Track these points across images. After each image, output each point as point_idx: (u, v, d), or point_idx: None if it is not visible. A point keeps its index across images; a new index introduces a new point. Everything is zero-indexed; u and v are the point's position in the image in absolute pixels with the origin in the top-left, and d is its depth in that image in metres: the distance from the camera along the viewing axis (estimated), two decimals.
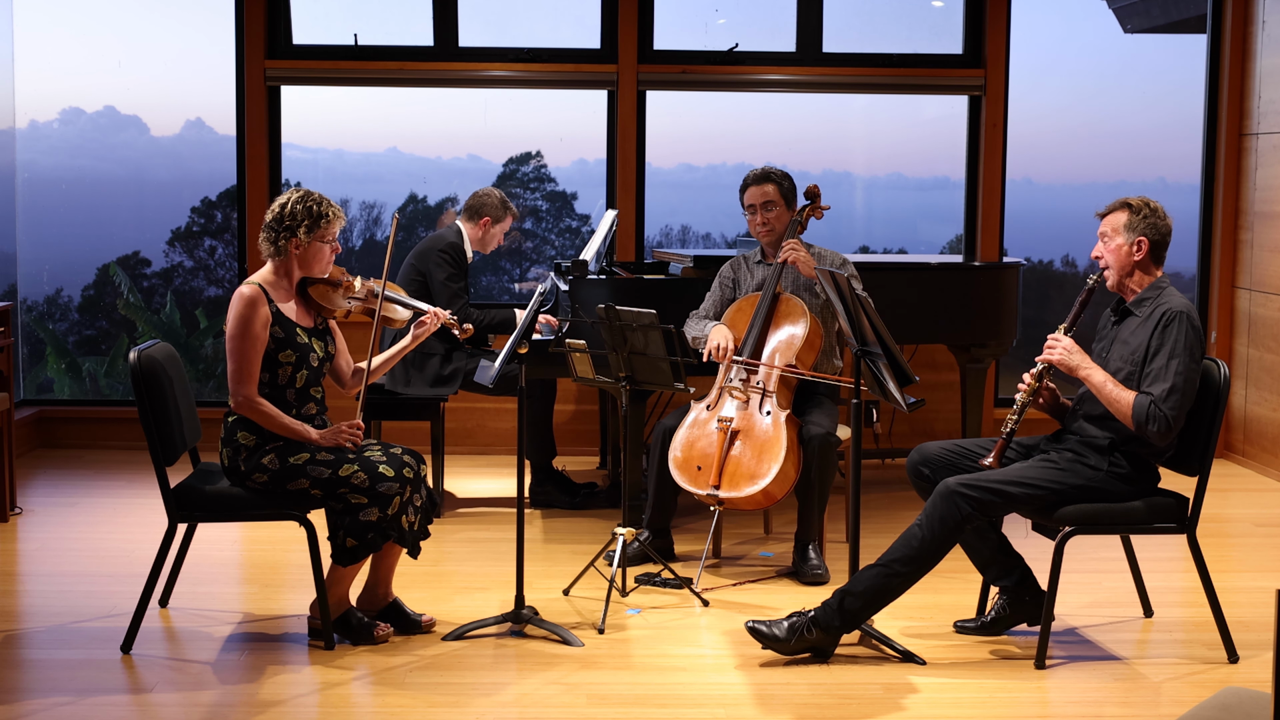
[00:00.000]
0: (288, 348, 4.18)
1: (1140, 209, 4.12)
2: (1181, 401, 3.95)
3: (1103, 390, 4.03)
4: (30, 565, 5.21)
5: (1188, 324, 3.99)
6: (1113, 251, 4.14)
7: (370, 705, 3.78)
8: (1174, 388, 3.95)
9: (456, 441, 7.10)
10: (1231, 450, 7.25)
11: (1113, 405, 4.02)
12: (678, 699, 3.84)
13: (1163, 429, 3.95)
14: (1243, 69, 7.21)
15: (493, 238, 5.95)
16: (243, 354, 4.11)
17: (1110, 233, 4.15)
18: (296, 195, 4.23)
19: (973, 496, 4.02)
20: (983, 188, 7.34)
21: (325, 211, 4.23)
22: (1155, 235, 4.12)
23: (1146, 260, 4.13)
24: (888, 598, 4.06)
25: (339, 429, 4.22)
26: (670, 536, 5.22)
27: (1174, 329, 3.99)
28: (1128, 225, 4.12)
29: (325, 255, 4.27)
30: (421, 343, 5.73)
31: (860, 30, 7.67)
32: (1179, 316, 4.00)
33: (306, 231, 4.19)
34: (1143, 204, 4.14)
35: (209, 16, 7.56)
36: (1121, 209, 4.15)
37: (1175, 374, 3.95)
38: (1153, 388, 3.97)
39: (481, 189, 5.97)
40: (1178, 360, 3.96)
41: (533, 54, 7.23)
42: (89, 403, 7.89)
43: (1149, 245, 4.11)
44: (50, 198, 8.18)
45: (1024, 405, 4.17)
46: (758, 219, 5.18)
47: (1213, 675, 4.05)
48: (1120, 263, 4.14)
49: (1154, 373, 3.99)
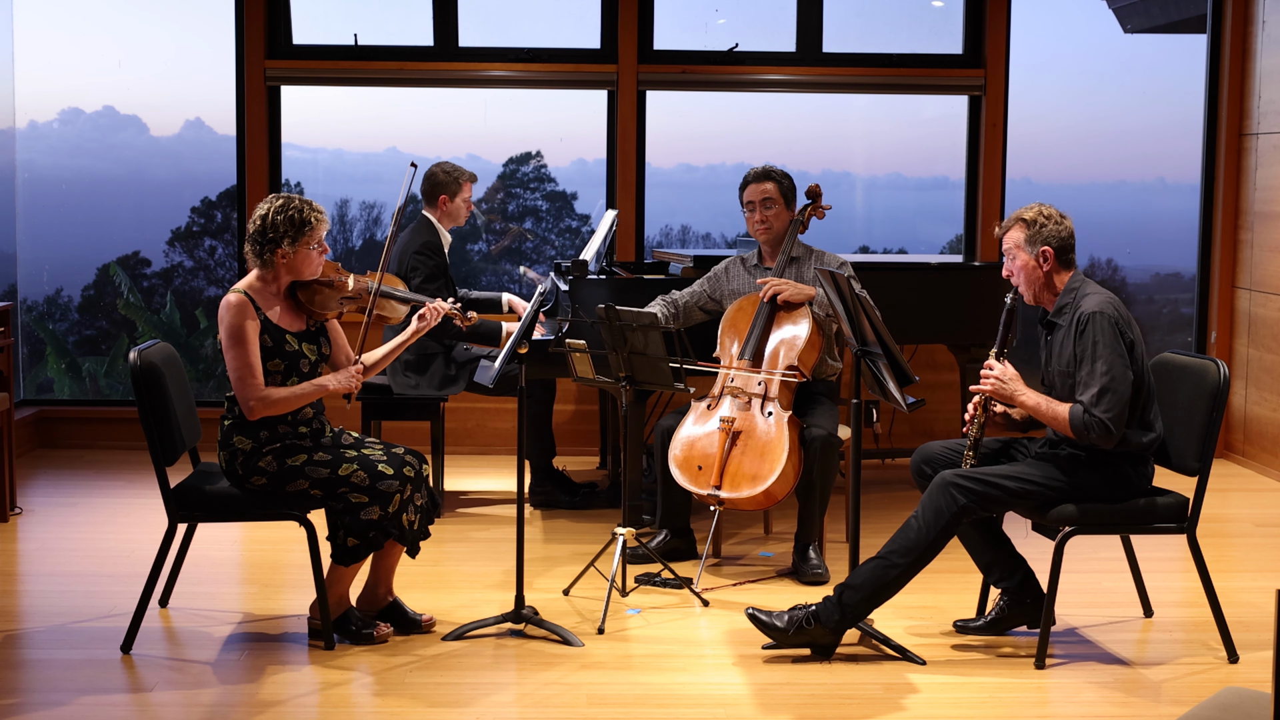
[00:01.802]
0: (275, 356, 4.14)
1: (1035, 221, 4.11)
2: (1114, 400, 3.93)
3: (1039, 412, 4.05)
4: (30, 565, 5.21)
5: (1102, 322, 3.97)
6: (1021, 268, 4.14)
7: (370, 705, 3.78)
8: (1102, 390, 3.94)
9: (456, 441, 7.10)
10: (1231, 450, 7.25)
11: (1053, 424, 4.04)
12: (678, 699, 3.84)
13: (1102, 434, 3.94)
14: (1243, 69, 7.21)
15: (459, 209, 5.85)
16: (242, 359, 4.06)
17: (1013, 249, 4.14)
18: (277, 205, 4.14)
19: (968, 488, 4.02)
20: (983, 188, 7.34)
21: (308, 218, 4.14)
22: (1057, 242, 4.11)
23: (1055, 267, 4.12)
24: (886, 591, 4.06)
25: (348, 372, 4.24)
26: (692, 535, 5.21)
27: (1089, 331, 3.98)
28: (1027, 240, 4.11)
29: (313, 260, 4.20)
30: (421, 342, 5.74)
31: (860, 30, 7.67)
32: (1092, 318, 3.98)
33: (290, 242, 4.13)
34: (1037, 214, 4.12)
35: (209, 16, 7.56)
36: (1016, 225, 4.14)
37: (1100, 375, 3.94)
38: (1083, 395, 3.97)
39: (427, 170, 5.85)
40: (1100, 361, 3.95)
41: (533, 54, 7.23)
42: (89, 403, 7.89)
43: (1053, 253, 4.11)
44: (50, 198, 8.18)
45: (977, 440, 4.16)
46: (756, 216, 5.18)
47: (1213, 675, 4.05)
48: (1030, 277, 4.14)
49: (1081, 380, 3.99)
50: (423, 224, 5.83)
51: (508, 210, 8.41)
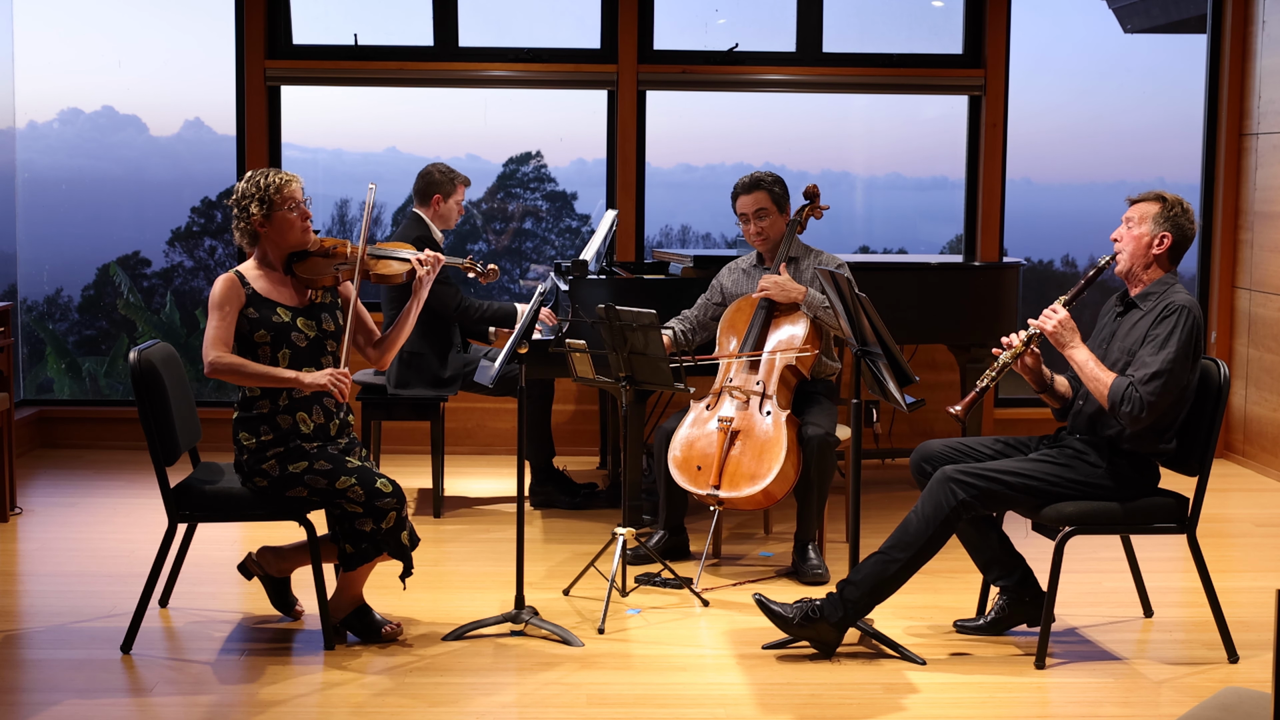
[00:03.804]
0: (261, 328, 4.13)
1: (1173, 205, 4.11)
2: (1163, 388, 3.92)
3: (1084, 368, 4.02)
4: (30, 565, 5.21)
5: (1189, 318, 3.98)
6: (1134, 238, 4.13)
7: (370, 705, 3.78)
8: (1158, 373, 3.93)
9: (456, 441, 7.10)
10: (1231, 450, 7.25)
11: (1092, 385, 4.01)
12: (678, 699, 3.84)
13: (1135, 410, 3.92)
14: (1243, 69, 7.21)
15: (450, 211, 5.84)
16: (213, 324, 4.10)
17: (1137, 220, 4.13)
18: (246, 176, 4.20)
19: (968, 484, 4.02)
20: (983, 188, 7.34)
21: (272, 180, 4.16)
22: (1179, 234, 4.11)
23: (1165, 256, 4.12)
24: (887, 587, 4.06)
25: (328, 372, 4.10)
26: (686, 534, 5.22)
27: (1173, 320, 3.98)
28: (1156, 217, 4.11)
29: (294, 223, 4.19)
30: (419, 343, 5.74)
31: (860, 30, 7.67)
32: (1180, 310, 3.99)
33: (259, 205, 4.14)
34: (1176, 201, 4.12)
35: (208, 16, 7.56)
36: (1155, 200, 4.13)
37: (1163, 361, 3.94)
38: (1136, 371, 3.96)
39: (423, 169, 5.85)
40: (1169, 350, 3.95)
41: (533, 54, 7.23)
42: (89, 403, 7.89)
43: (1171, 242, 4.10)
44: (50, 198, 8.18)
45: (1005, 365, 4.13)
46: (751, 228, 5.17)
47: (1213, 675, 4.05)
48: (1137, 251, 4.12)
49: (1142, 357, 3.98)
50: (414, 221, 5.81)
51: (508, 210, 8.41)
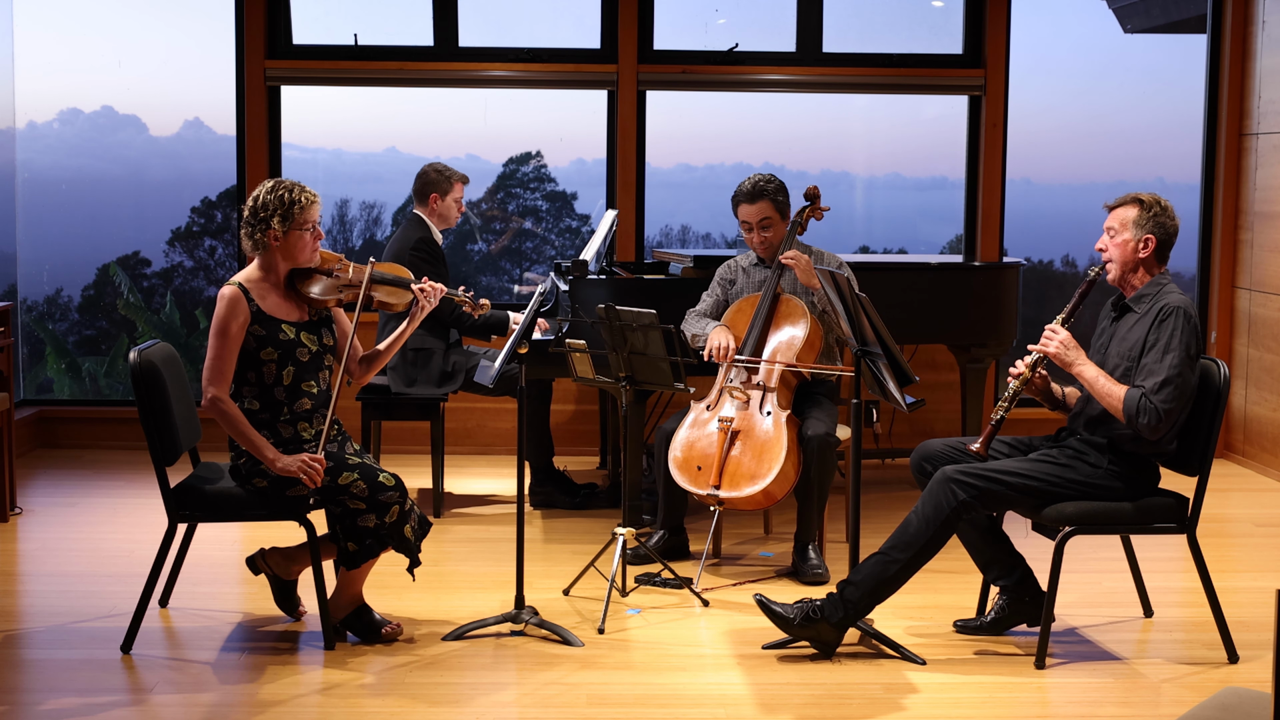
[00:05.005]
0: (268, 345, 4.12)
1: (1151, 206, 4.11)
2: (1175, 395, 3.94)
3: (1095, 385, 4.03)
4: (30, 565, 5.21)
5: (1185, 319, 3.98)
6: (1118, 246, 4.13)
7: (370, 705, 3.78)
8: (1167, 380, 3.94)
9: (456, 441, 7.10)
10: (1231, 450, 7.25)
11: (1105, 400, 4.01)
12: (678, 699, 3.83)
13: (1153, 421, 3.93)
14: (1243, 69, 7.21)
15: (449, 209, 5.85)
16: (217, 352, 4.08)
17: (1118, 227, 4.13)
18: (268, 186, 4.15)
19: (968, 484, 4.02)
20: (982, 188, 7.34)
21: (297, 198, 4.12)
22: (1163, 234, 4.11)
23: (1151, 258, 4.12)
24: (887, 587, 4.06)
25: (301, 460, 4.04)
26: (685, 534, 5.22)
27: (1170, 323, 3.98)
28: (1136, 221, 4.11)
29: (306, 243, 4.16)
30: (420, 339, 5.74)
31: (860, 30, 7.67)
32: (1176, 311, 3.99)
33: (280, 221, 4.11)
34: (1154, 201, 4.12)
35: (208, 16, 7.56)
36: (1132, 204, 4.14)
37: (1170, 368, 3.94)
38: (1145, 381, 3.96)
39: (420, 169, 5.86)
40: (1173, 354, 3.95)
41: (533, 54, 7.23)
42: (89, 403, 7.89)
43: (1155, 243, 4.10)
44: (50, 198, 8.18)
45: (1016, 393, 4.15)
46: (755, 238, 5.15)
47: (1213, 675, 4.05)
48: (1124, 258, 4.13)
49: (1148, 366, 3.98)
50: (414, 221, 5.82)
51: (508, 210, 8.41)
